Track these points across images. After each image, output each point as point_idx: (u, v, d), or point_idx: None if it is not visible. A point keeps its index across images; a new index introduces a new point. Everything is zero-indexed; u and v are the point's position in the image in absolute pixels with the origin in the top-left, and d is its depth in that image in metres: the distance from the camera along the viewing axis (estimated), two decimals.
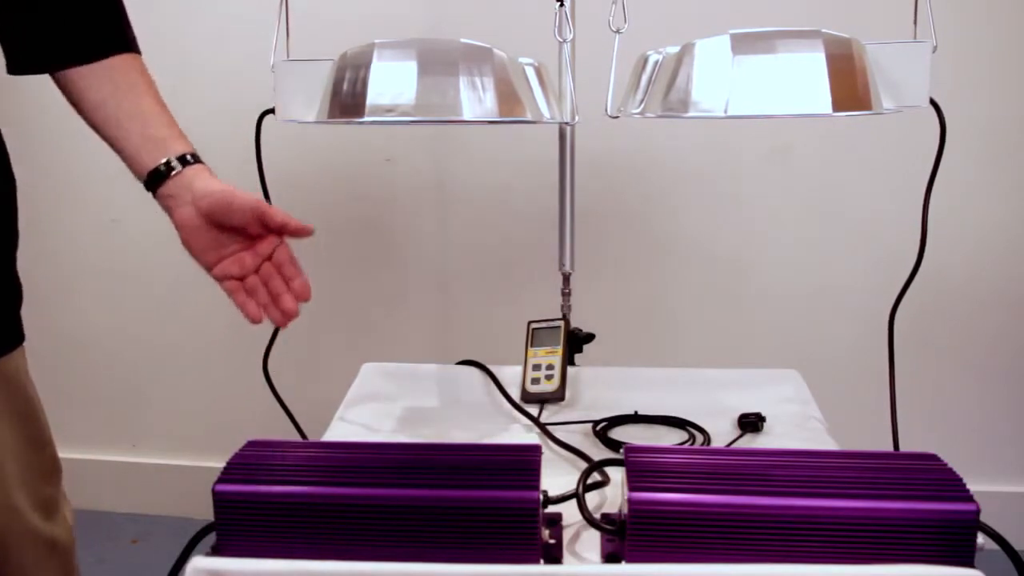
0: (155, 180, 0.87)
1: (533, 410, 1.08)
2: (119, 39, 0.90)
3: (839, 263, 1.76)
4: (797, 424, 1.05)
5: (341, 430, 1.04)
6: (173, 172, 0.86)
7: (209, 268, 0.89)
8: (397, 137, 1.78)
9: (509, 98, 1.02)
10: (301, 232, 0.87)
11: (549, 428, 1.02)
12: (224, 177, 0.92)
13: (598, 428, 1.02)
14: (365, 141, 1.79)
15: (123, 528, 1.99)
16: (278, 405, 1.21)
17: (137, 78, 0.90)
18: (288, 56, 1.12)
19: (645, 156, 1.75)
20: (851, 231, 1.75)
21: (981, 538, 0.66)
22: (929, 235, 1.06)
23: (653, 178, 1.76)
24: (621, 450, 0.79)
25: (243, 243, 0.88)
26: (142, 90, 0.89)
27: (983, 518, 0.65)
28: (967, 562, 0.65)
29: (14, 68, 0.89)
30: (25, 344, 0.92)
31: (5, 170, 0.89)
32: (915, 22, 1.05)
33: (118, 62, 0.89)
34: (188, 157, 0.88)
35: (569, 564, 0.72)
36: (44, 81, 0.95)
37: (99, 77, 0.87)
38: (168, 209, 0.88)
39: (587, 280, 1.45)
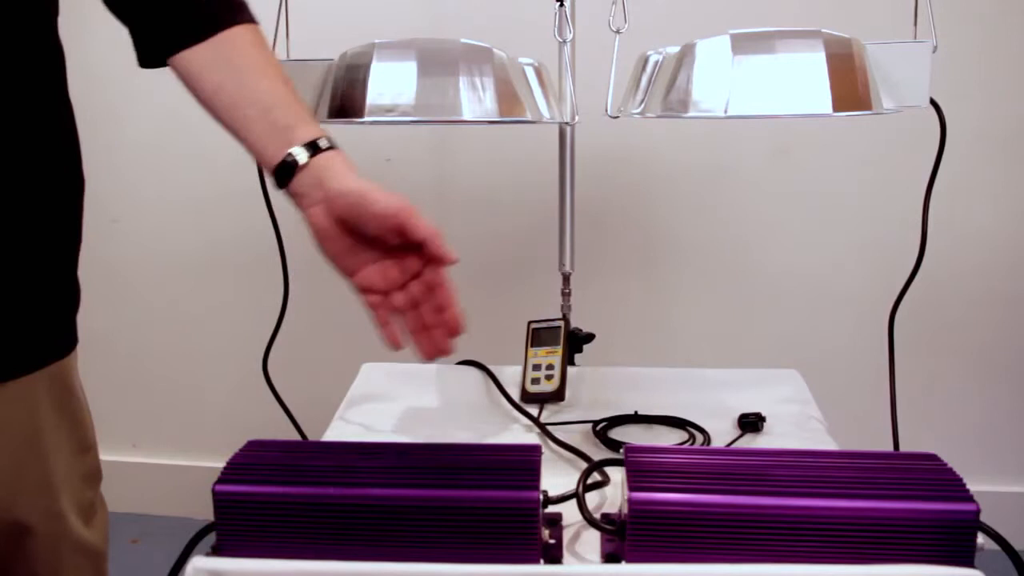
0: (283, 175, 0.75)
1: (533, 410, 1.08)
2: (228, 9, 0.80)
3: (839, 263, 1.76)
4: (797, 424, 1.05)
5: (341, 430, 1.04)
6: (300, 165, 0.74)
7: (348, 276, 0.76)
8: (397, 137, 1.78)
9: (509, 98, 1.02)
10: (443, 259, 0.71)
11: (549, 428, 1.02)
12: (223, 176, 0.92)
13: (598, 428, 1.02)
14: (365, 141, 1.78)
15: (123, 528, 1.99)
16: (278, 405, 1.21)
17: (254, 55, 0.79)
18: (288, 56, 1.12)
19: (645, 156, 1.75)
20: (851, 231, 1.75)
21: (981, 538, 0.66)
22: (929, 235, 1.06)
23: (653, 178, 1.76)
24: (621, 450, 0.79)
25: (385, 253, 0.74)
26: (260, 69, 0.78)
27: (983, 518, 0.65)
28: (967, 562, 0.65)
29: (144, 61, 0.83)
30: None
31: (76, 169, 0.85)
32: (915, 22, 1.05)
33: (231, 37, 0.79)
34: (319, 143, 0.75)
35: (569, 564, 0.72)
36: None
37: (212, 58, 0.78)
38: (299, 208, 0.76)
39: (587, 280, 1.45)
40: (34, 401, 0.81)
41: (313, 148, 0.74)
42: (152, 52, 0.82)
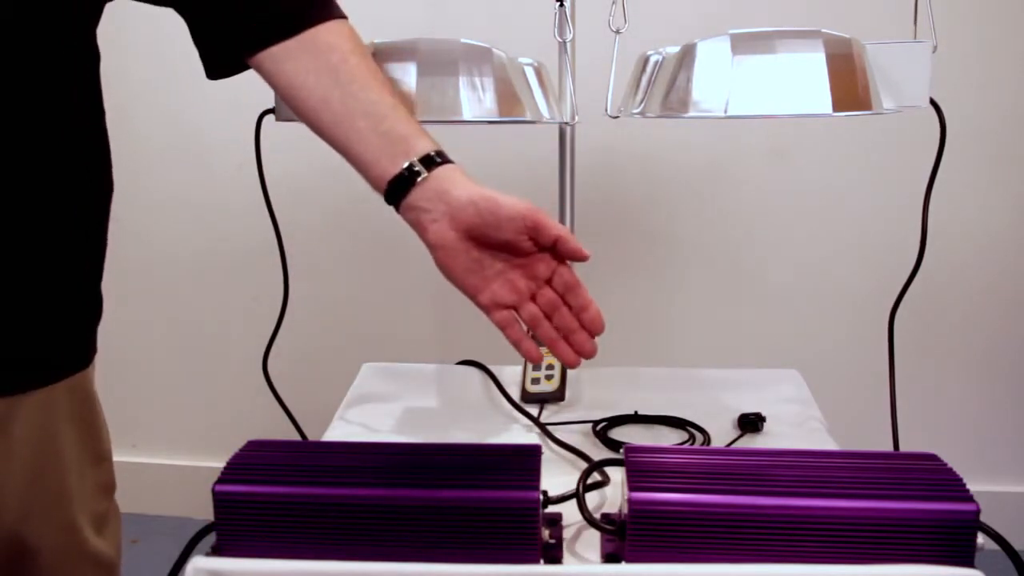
0: (398, 189, 0.71)
1: (533, 410, 1.08)
2: (318, 5, 0.76)
3: (839, 263, 1.76)
4: (797, 424, 1.05)
5: (341, 430, 1.04)
6: (420, 178, 0.70)
7: (475, 295, 0.71)
8: None
9: (509, 98, 1.02)
10: (578, 255, 0.70)
11: (549, 428, 1.02)
12: (224, 177, 0.91)
13: (598, 428, 1.02)
14: None
15: (123, 528, 1.99)
16: (278, 405, 1.21)
17: (356, 61, 0.75)
18: None
19: (645, 156, 1.75)
20: (851, 231, 1.75)
21: (981, 538, 0.66)
22: (929, 235, 1.06)
23: (653, 178, 1.76)
24: (621, 450, 0.79)
25: (511, 261, 0.71)
26: (366, 77, 0.74)
27: (983, 518, 0.65)
28: (967, 562, 0.65)
29: (216, 66, 0.81)
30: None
31: (105, 176, 0.84)
32: (915, 22, 1.05)
33: (328, 40, 0.75)
34: (435, 156, 0.72)
35: (569, 564, 0.72)
36: None
37: (315, 66, 0.74)
38: (417, 225, 0.71)
39: (586, 280, 1.45)
40: (53, 413, 0.80)
41: (430, 160, 0.72)
42: (230, 52, 0.78)
